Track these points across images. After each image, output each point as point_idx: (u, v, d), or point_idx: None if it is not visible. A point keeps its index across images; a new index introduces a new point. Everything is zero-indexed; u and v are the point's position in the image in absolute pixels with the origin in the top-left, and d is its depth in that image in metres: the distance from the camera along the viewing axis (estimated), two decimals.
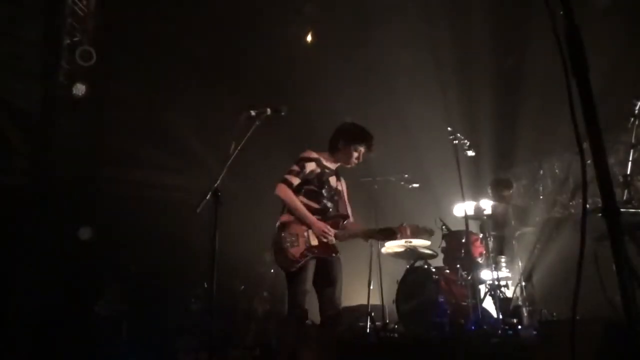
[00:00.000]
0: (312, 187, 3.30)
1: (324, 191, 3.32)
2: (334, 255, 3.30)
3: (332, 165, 3.47)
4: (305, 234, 3.22)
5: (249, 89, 6.05)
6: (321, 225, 3.23)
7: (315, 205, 3.28)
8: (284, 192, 3.25)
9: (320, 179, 3.32)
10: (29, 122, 5.32)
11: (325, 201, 3.33)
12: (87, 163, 5.66)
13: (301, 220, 3.24)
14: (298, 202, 3.25)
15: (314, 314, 3.30)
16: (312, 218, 3.23)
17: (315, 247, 3.20)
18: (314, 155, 3.39)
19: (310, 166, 3.33)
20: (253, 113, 3.16)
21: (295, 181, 3.30)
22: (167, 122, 5.98)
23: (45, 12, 5.47)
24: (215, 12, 5.97)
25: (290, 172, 3.30)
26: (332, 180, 3.43)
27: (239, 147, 3.06)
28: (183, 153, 6.10)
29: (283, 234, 3.22)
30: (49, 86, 5.42)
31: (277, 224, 3.29)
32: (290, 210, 3.26)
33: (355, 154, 3.40)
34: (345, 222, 3.43)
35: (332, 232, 3.25)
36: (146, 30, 5.84)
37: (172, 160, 6.04)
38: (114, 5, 5.68)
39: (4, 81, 5.22)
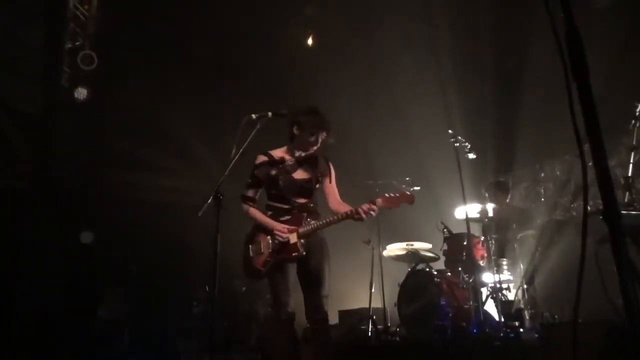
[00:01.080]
0: (274, 189, 3.25)
1: (288, 189, 3.24)
2: (295, 254, 3.11)
3: (294, 157, 3.32)
4: (268, 239, 3.19)
5: (250, 91, 6.06)
6: (274, 226, 3.16)
7: (285, 206, 3.22)
8: (243, 207, 3.27)
9: (279, 178, 3.24)
10: (30, 125, 5.33)
11: (292, 198, 3.23)
12: (88, 166, 5.66)
13: (263, 229, 3.22)
14: (254, 212, 3.22)
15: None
16: (270, 222, 3.18)
17: (276, 250, 3.15)
18: (263, 158, 3.29)
19: (261, 171, 3.27)
20: (254, 116, 3.15)
21: (252, 192, 3.28)
22: (169, 125, 5.98)
23: (47, 17, 5.49)
24: (216, 15, 5.98)
25: (246, 186, 3.29)
26: (299, 173, 3.28)
27: (240, 151, 3.06)
28: (185, 156, 6.11)
29: (250, 246, 3.22)
30: (51, 90, 5.44)
31: (245, 238, 3.28)
32: (254, 222, 3.26)
33: (312, 139, 3.25)
34: (330, 207, 3.26)
35: (283, 230, 3.14)
36: (147, 33, 5.86)
37: (173, 163, 6.05)
38: (115, 9, 5.70)
39: (6, 85, 5.23)
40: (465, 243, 4.64)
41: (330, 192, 3.32)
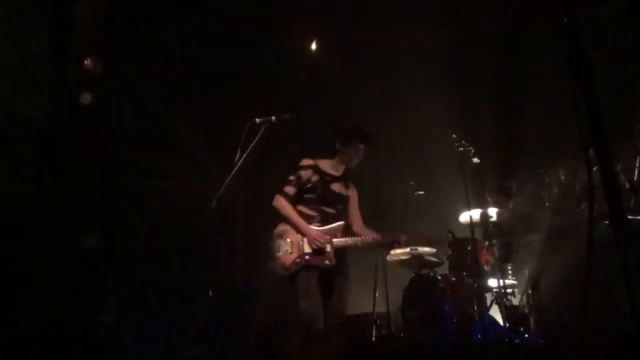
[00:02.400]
0: (311, 195, 3.31)
1: (324, 198, 3.31)
2: (327, 263, 3.23)
3: (336, 172, 3.47)
4: (300, 242, 3.23)
5: (254, 95, 6.07)
6: (313, 232, 3.22)
7: (314, 213, 3.29)
8: (278, 202, 3.33)
9: (319, 186, 3.31)
10: (36, 131, 5.36)
11: (325, 208, 3.31)
12: (93, 172, 5.68)
13: (296, 229, 3.25)
14: (290, 211, 3.28)
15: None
16: (306, 226, 3.24)
17: (307, 254, 3.19)
18: (310, 162, 3.40)
19: (307, 174, 3.35)
20: (258, 121, 3.17)
21: (292, 191, 3.34)
22: (173, 131, 6.00)
23: (53, 23, 5.52)
24: (221, 20, 6.01)
25: (287, 183, 3.36)
26: (336, 186, 3.42)
27: (244, 156, 3.07)
28: (189, 161, 6.12)
29: (278, 242, 3.25)
30: (56, 96, 5.47)
31: (275, 231, 3.32)
32: (285, 219, 3.29)
33: (354, 152, 3.39)
34: (347, 229, 3.42)
35: (325, 239, 3.21)
36: (152, 39, 5.88)
37: (177, 168, 6.06)
38: (120, 15, 5.73)
39: (11, 92, 5.26)
40: (469, 248, 4.63)
41: (356, 216, 3.48)
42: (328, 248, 3.24)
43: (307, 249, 3.21)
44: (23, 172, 5.26)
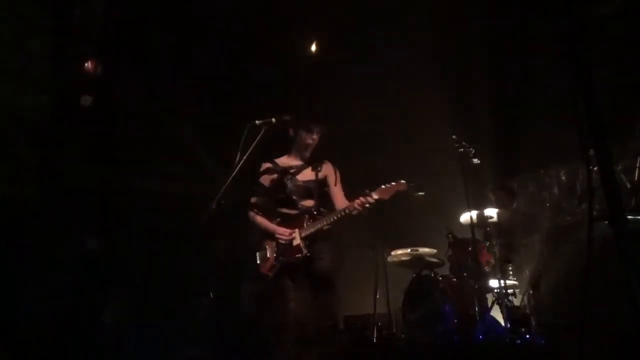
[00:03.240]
0: (282, 194, 3.29)
1: (295, 192, 3.28)
2: (299, 255, 3.14)
3: (299, 161, 3.43)
4: (274, 244, 3.22)
5: (254, 97, 6.07)
6: (275, 229, 3.21)
7: (293, 211, 3.27)
8: (248, 216, 3.36)
9: (284, 183, 3.29)
10: (36, 132, 5.36)
11: (301, 202, 3.28)
12: (93, 172, 5.68)
13: (267, 234, 3.26)
14: (259, 220, 3.31)
15: None
16: (272, 227, 3.25)
17: (281, 254, 3.18)
18: (267, 165, 3.42)
19: (265, 179, 3.37)
20: (258, 122, 3.17)
21: (258, 200, 3.38)
22: (174, 132, 6.01)
23: (53, 25, 5.53)
24: (221, 23, 6.02)
25: (252, 194, 3.36)
26: (303, 175, 3.36)
27: (244, 157, 3.07)
28: (190, 162, 6.12)
29: (258, 254, 3.26)
30: (56, 97, 5.47)
31: (257, 244, 3.33)
32: (259, 230, 3.30)
33: (306, 134, 3.37)
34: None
35: (287, 232, 3.18)
36: (152, 41, 5.89)
37: (178, 169, 6.06)
38: (120, 17, 5.74)
39: (11, 93, 5.27)
40: (470, 248, 4.62)
41: (336, 195, 3.36)
42: (296, 241, 3.16)
43: (280, 250, 3.19)
44: (23, 173, 5.26)
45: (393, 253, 5.19)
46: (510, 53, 5.97)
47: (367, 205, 3.10)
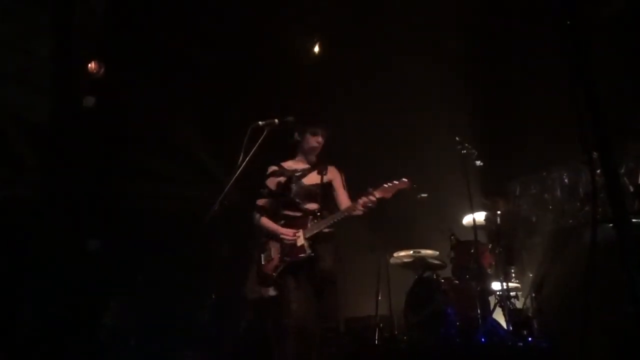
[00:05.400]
0: (287, 196, 3.32)
1: (299, 195, 3.32)
2: (302, 255, 3.16)
3: (304, 164, 3.47)
4: (278, 245, 3.25)
5: (257, 99, 6.08)
6: (279, 230, 3.24)
7: (297, 213, 3.30)
8: (254, 218, 3.38)
9: (290, 186, 3.33)
10: (38, 134, 5.38)
11: (305, 205, 3.31)
12: (95, 175, 5.69)
13: (272, 235, 3.28)
14: (264, 221, 3.33)
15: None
16: (276, 227, 3.28)
17: (284, 255, 3.20)
18: (274, 167, 3.47)
19: (272, 181, 3.41)
20: (261, 124, 3.18)
21: (264, 202, 3.40)
22: (176, 134, 6.01)
23: (55, 27, 5.54)
24: (226, 24, 6.02)
25: (259, 196, 3.38)
26: (309, 178, 3.39)
27: (247, 159, 3.07)
28: (191, 164, 6.13)
29: (262, 254, 3.28)
30: (59, 99, 5.49)
31: (260, 245, 3.35)
32: (263, 232, 3.30)
33: (312, 137, 3.42)
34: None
35: (291, 233, 3.21)
36: (154, 42, 5.90)
37: (179, 171, 6.07)
38: (123, 19, 5.75)
39: (14, 94, 5.28)
40: (472, 251, 4.62)
41: (341, 198, 3.41)
42: (300, 241, 3.19)
43: (284, 250, 3.22)
44: (24, 175, 5.27)
45: (395, 255, 5.19)
46: (512, 54, 5.96)
47: (370, 204, 3.12)
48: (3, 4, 5.30)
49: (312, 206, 3.31)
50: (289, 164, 3.50)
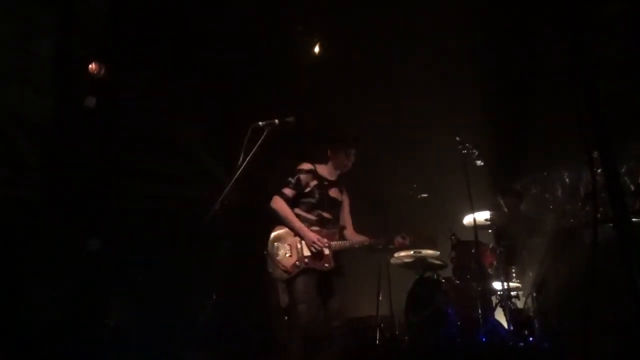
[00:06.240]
0: (310, 199, 3.34)
1: (322, 203, 3.34)
2: (326, 265, 3.26)
3: (332, 176, 3.51)
4: (299, 245, 3.25)
5: (257, 99, 6.08)
6: (312, 236, 3.25)
7: (312, 217, 3.33)
8: (277, 203, 3.35)
9: (317, 191, 3.34)
10: (40, 134, 5.38)
11: (323, 213, 3.35)
12: (97, 175, 5.70)
13: (294, 232, 3.27)
14: (289, 213, 3.32)
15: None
16: (305, 229, 3.27)
17: (306, 257, 3.21)
18: (310, 166, 3.45)
19: (306, 178, 3.41)
20: (261, 124, 3.18)
21: (290, 193, 3.37)
22: (177, 134, 6.02)
23: (57, 27, 5.55)
24: (226, 25, 6.02)
25: (286, 185, 3.38)
26: (333, 191, 3.47)
27: (247, 159, 3.07)
28: (193, 165, 6.13)
29: (276, 245, 3.28)
30: (60, 99, 5.49)
31: (272, 234, 3.33)
32: (283, 222, 3.30)
33: (344, 157, 3.47)
34: (344, 232, 3.46)
35: (323, 242, 3.24)
36: (156, 42, 5.90)
37: (181, 171, 6.07)
38: (125, 19, 5.75)
39: (16, 94, 5.29)
40: (473, 251, 4.61)
41: (346, 220, 3.51)
42: (327, 251, 3.26)
43: (306, 252, 3.24)
44: (26, 175, 5.28)
45: (396, 255, 5.18)
46: (513, 54, 5.96)
47: (403, 246, 3.52)
48: (3, 4, 5.31)
49: (327, 215, 3.41)
50: (322, 170, 3.52)
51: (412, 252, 5.11)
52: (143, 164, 5.84)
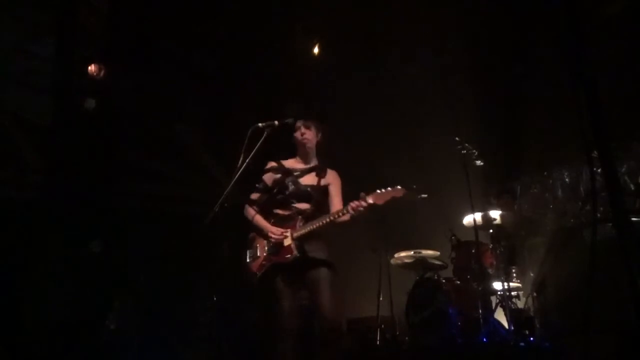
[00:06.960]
0: (282, 195, 3.29)
1: (294, 195, 3.28)
2: (288, 257, 3.10)
3: (302, 164, 3.45)
4: (264, 242, 3.22)
5: (257, 100, 6.08)
6: (270, 229, 3.19)
7: (287, 212, 3.26)
8: (246, 211, 3.35)
9: (286, 184, 3.30)
10: (40, 135, 5.39)
11: (298, 205, 3.27)
12: (98, 177, 5.70)
13: (260, 232, 3.25)
14: (254, 216, 3.28)
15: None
16: (265, 225, 3.23)
17: (271, 253, 3.16)
18: (273, 164, 3.44)
19: (269, 177, 3.38)
20: (261, 125, 3.18)
21: (256, 196, 3.35)
22: (176, 135, 6.02)
23: (57, 29, 5.55)
24: (225, 26, 6.03)
25: (255, 191, 3.36)
26: (307, 178, 3.36)
27: (247, 160, 3.07)
28: (193, 166, 6.13)
29: (248, 251, 3.26)
30: (60, 100, 5.50)
31: (248, 241, 3.33)
32: (252, 227, 3.30)
33: (299, 135, 3.41)
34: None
35: (278, 232, 3.16)
36: (156, 44, 5.91)
37: (181, 172, 6.08)
38: (124, 21, 5.76)
39: (16, 96, 5.29)
40: (473, 251, 4.61)
41: (335, 204, 3.34)
42: (286, 242, 3.13)
43: (270, 249, 3.19)
44: (27, 176, 5.28)
45: (396, 255, 5.19)
46: (512, 55, 5.97)
47: (361, 208, 3.01)
48: (4, 4, 5.31)
49: (304, 206, 3.26)
50: (289, 163, 3.47)
51: (412, 252, 5.11)
52: (144, 166, 5.84)
